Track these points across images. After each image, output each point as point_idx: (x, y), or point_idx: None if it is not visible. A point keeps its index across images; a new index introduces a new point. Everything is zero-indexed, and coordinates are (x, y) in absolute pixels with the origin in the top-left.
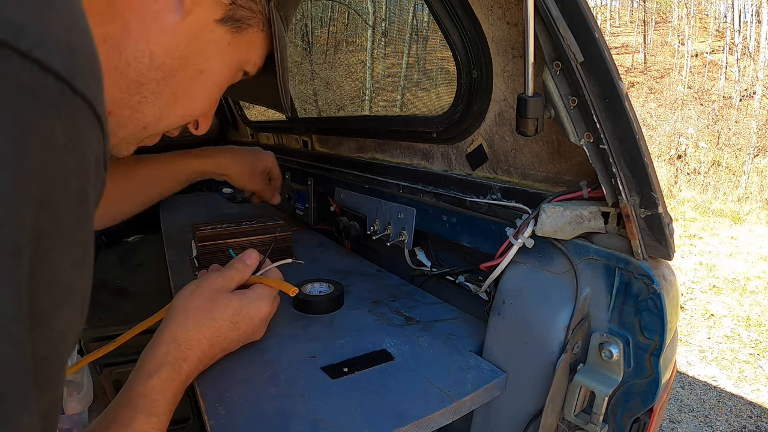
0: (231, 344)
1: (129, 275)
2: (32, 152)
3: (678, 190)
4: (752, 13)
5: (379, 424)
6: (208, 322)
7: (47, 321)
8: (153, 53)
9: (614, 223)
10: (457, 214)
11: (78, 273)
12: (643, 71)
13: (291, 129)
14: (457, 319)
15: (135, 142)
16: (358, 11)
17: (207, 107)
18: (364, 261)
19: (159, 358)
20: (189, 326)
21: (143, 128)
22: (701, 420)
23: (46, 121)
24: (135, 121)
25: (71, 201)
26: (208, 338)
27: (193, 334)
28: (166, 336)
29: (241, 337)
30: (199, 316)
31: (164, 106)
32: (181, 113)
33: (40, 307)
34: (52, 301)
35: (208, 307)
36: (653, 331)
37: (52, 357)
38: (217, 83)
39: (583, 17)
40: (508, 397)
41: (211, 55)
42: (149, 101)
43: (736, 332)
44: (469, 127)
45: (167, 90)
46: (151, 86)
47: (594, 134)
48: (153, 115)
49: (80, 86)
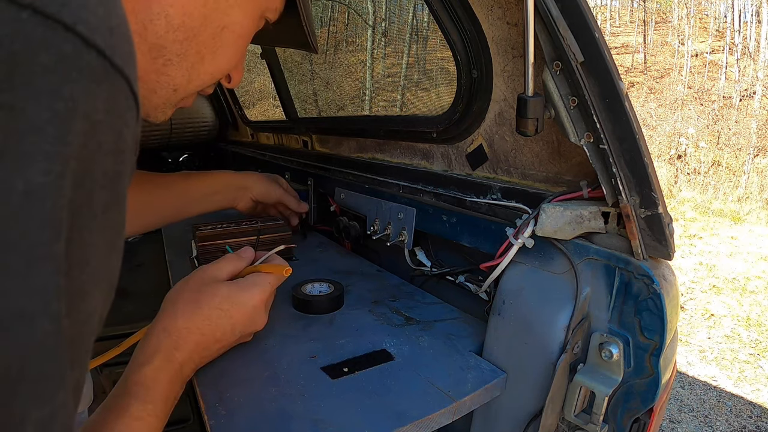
0: (226, 334)
1: (129, 275)
2: (75, 127)
3: (678, 190)
4: (752, 13)
5: (379, 424)
6: (197, 311)
7: (77, 302)
8: (168, 15)
9: (614, 223)
10: (457, 214)
11: (108, 256)
12: (643, 71)
13: (291, 129)
14: (457, 319)
15: (170, 106)
16: (358, 11)
17: (235, 60)
18: (364, 261)
19: (151, 347)
20: (177, 316)
21: (174, 91)
22: (701, 420)
23: (89, 96)
24: (164, 85)
25: (106, 180)
26: (199, 327)
27: (182, 323)
28: (157, 327)
29: (236, 325)
30: (188, 306)
31: (191, 67)
32: (210, 71)
33: (72, 287)
34: (83, 282)
35: (195, 297)
36: (653, 331)
37: (80, 339)
38: (241, 35)
39: (583, 17)
40: (508, 397)
41: (231, 9)
42: (174, 63)
43: (736, 332)
44: (469, 127)
45: (192, 50)
46: (174, 48)
47: (594, 134)
48: (182, 76)
49: (119, 63)
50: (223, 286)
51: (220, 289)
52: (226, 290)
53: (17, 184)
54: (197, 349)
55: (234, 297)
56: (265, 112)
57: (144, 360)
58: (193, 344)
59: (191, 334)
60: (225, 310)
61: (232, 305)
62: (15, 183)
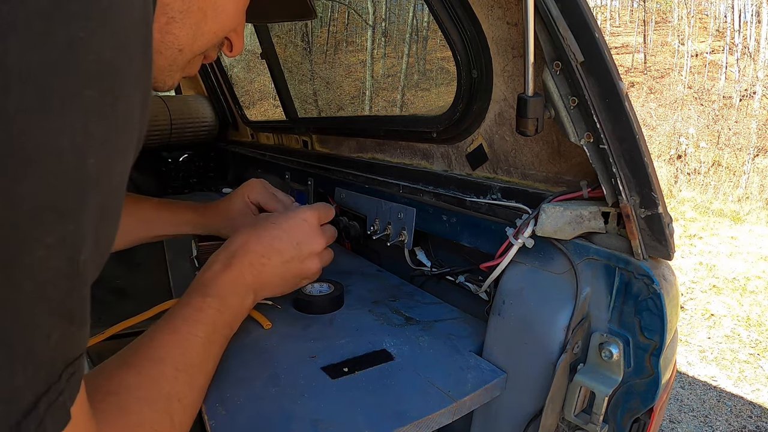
0: (283, 243)
1: (129, 275)
2: None
3: (678, 190)
4: (752, 13)
5: (379, 424)
6: (253, 229)
7: (102, 146)
8: None
9: (614, 223)
10: (457, 214)
11: (119, 190)
12: (643, 71)
13: (291, 129)
14: (457, 319)
15: (177, 69)
16: (358, 11)
17: (236, 20)
18: (364, 261)
19: (210, 261)
20: (234, 237)
21: (180, 51)
22: (701, 420)
23: None
24: (169, 45)
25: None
26: (257, 237)
27: (238, 239)
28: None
29: (293, 236)
30: (244, 229)
31: (195, 24)
32: (214, 29)
33: (99, 133)
34: (111, 130)
35: (251, 223)
36: (653, 331)
37: (106, 181)
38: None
39: (583, 17)
40: (508, 397)
41: None
42: (178, 21)
43: (736, 332)
44: (469, 127)
45: (194, 6)
46: (176, 5)
47: (594, 134)
48: (186, 35)
49: None
50: (274, 213)
51: (272, 214)
52: (277, 213)
53: (61, 36)
54: (256, 256)
55: (285, 215)
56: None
57: (203, 270)
58: (251, 252)
59: (249, 243)
60: (278, 223)
61: (286, 219)
62: (59, 36)
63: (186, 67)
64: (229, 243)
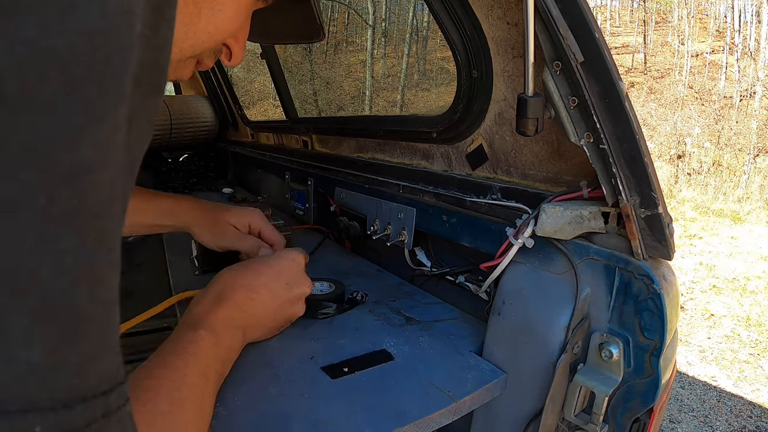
0: (271, 279)
1: (129, 275)
2: None
3: (678, 190)
4: (752, 13)
5: (379, 424)
6: (244, 267)
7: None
8: None
9: (614, 223)
10: (457, 214)
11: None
12: (643, 71)
13: (291, 129)
14: (457, 319)
15: None
16: (358, 11)
17: (234, 25)
18: (364, 261)
19: (200, 295)
20: (225, 273)
21: None
22: (701, 420)
23: None
24: None
25: None
26: (244, 273)
27: (228, 274)
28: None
29: (282, 274)
30: (235, 267)
31: (188, 20)
32: (209, 29)
33: None
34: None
35: (243, 264)
36: (653, 331)
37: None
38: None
39: (583, 17)
40: (508, 397)
41: None
42: None
43: (736, 332)
44: (469, 127)
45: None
46: None
47: (594, 134)
48: (177, 29)
49: None
50: (265, 256)
51: (263, 257)
52: (268, 256)
53: None
54: (244, 290)
55: (275, 255)
56: (265, 112)
57: (191, 307)
58: (240, 286)
59: (238, 278)
60: (267, 262)
61: (276, 258)
62: None
63: (176, 69)
64: (216, 279)
